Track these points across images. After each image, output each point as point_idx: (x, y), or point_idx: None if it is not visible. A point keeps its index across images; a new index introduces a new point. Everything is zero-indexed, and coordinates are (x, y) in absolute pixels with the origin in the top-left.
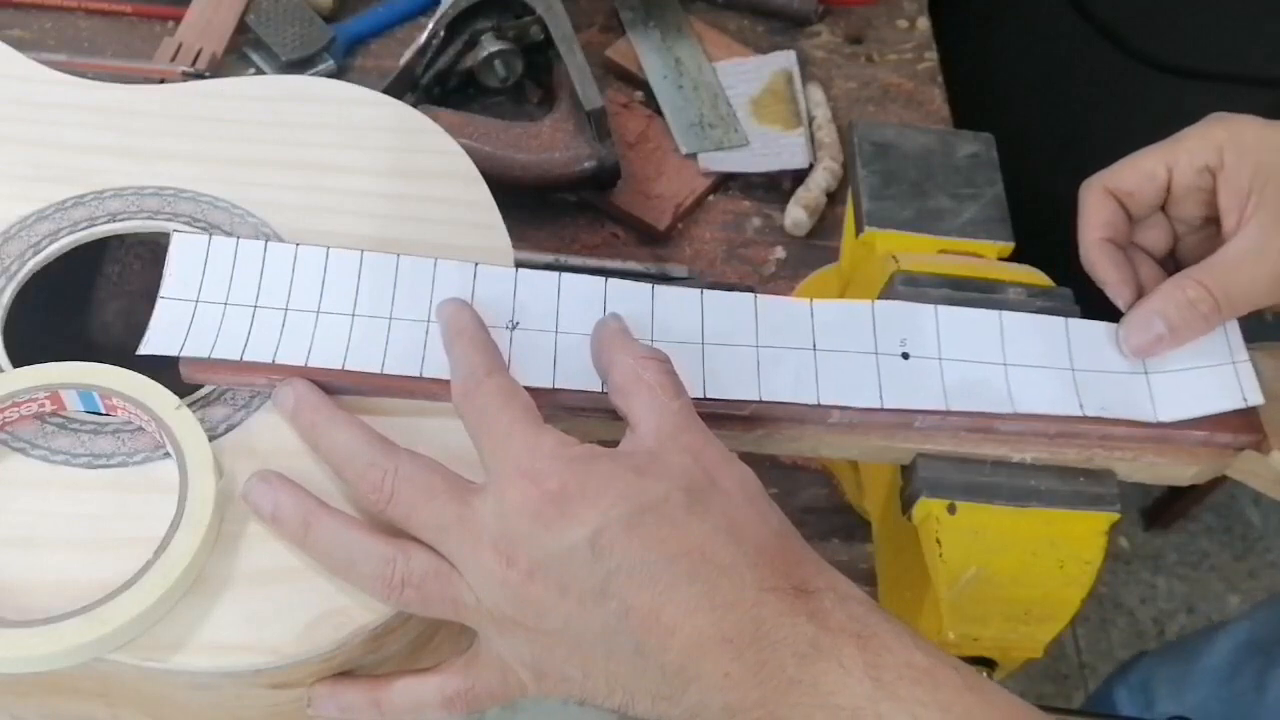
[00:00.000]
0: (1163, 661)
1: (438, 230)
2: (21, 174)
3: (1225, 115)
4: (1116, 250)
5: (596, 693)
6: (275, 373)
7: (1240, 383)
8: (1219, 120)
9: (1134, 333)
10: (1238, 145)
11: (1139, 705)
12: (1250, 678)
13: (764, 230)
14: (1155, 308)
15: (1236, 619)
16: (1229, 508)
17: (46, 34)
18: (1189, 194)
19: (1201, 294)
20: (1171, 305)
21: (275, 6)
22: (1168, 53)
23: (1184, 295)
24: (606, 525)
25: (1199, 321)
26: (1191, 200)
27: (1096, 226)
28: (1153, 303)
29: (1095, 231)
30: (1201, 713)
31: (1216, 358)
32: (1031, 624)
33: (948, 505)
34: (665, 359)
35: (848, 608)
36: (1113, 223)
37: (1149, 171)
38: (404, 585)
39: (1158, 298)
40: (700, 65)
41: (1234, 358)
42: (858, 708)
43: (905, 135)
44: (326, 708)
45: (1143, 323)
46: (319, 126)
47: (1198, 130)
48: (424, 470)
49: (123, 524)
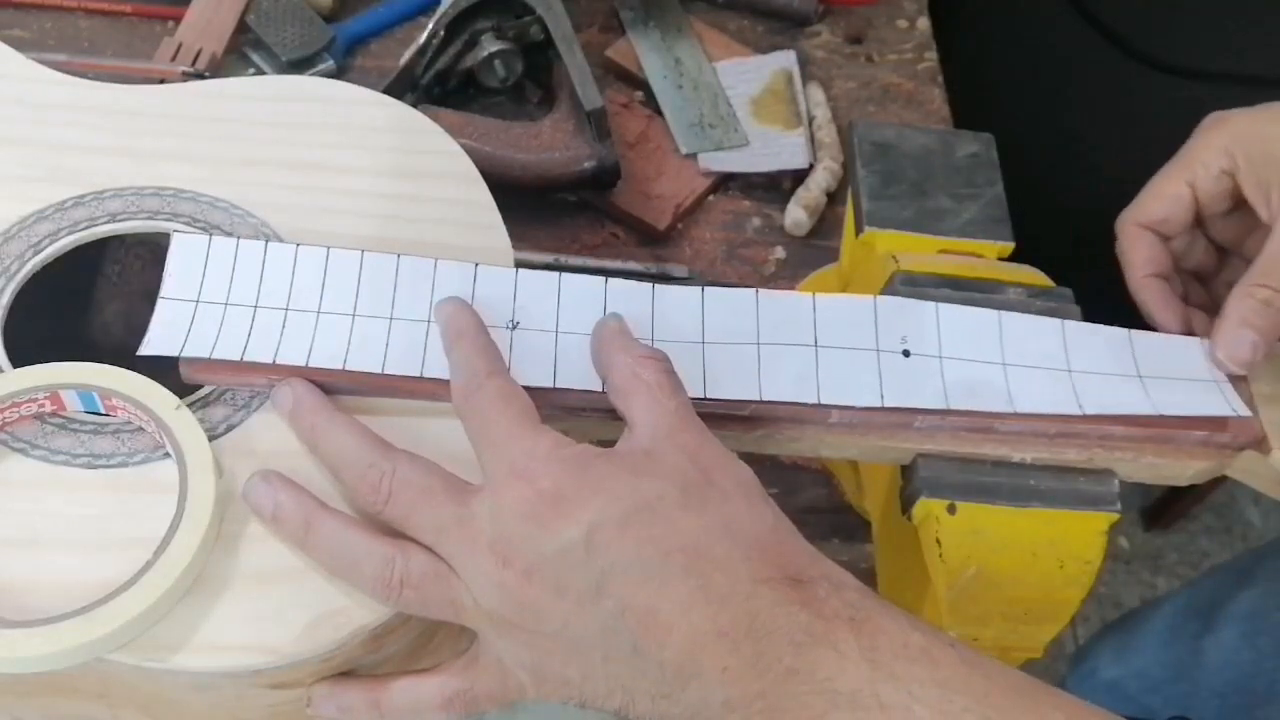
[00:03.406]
0: (1107, 633)
1: (438, 230)
2: (21, 174)
3: (1219, 116)
4: (1164, 285)
5: (596, 695)
6: (275, 373)
7: (1226, 399)
8: (1217, 123)
9: (1233, 348)
10: (1243, 142)
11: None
12: (1188, 642)
13: (764, 230)
14: (1239, 319)
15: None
16: (1229, 508)
17: (46, 34)
18: (1215, 201)
19: (1271, 294)
20: (1251, 312)
21: (275, 6)
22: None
23: (1257, 299)
24: (601, 524)
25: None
26: (1221, 204)
27: (1140, 265)
28: (1234, 316)
29: (1140, 270)
30: (1142, 678)
31: (1202, 374)
32: (1031, 624)
33: (948, 505)
34: (664, 359)
35: (842, 595)
36: (1154, 257)
37: (1174, 195)
38: (403, 586)
39: (1236, 310)
40: (700, 65)
41: (1215, 376)
42: (856, 690)
43: (905, 135)
44: (326, 708)
45: (1235, 336)
46: (319, 126)
47: (1202, 140)
48: (422, 472)
49: (123, 524)
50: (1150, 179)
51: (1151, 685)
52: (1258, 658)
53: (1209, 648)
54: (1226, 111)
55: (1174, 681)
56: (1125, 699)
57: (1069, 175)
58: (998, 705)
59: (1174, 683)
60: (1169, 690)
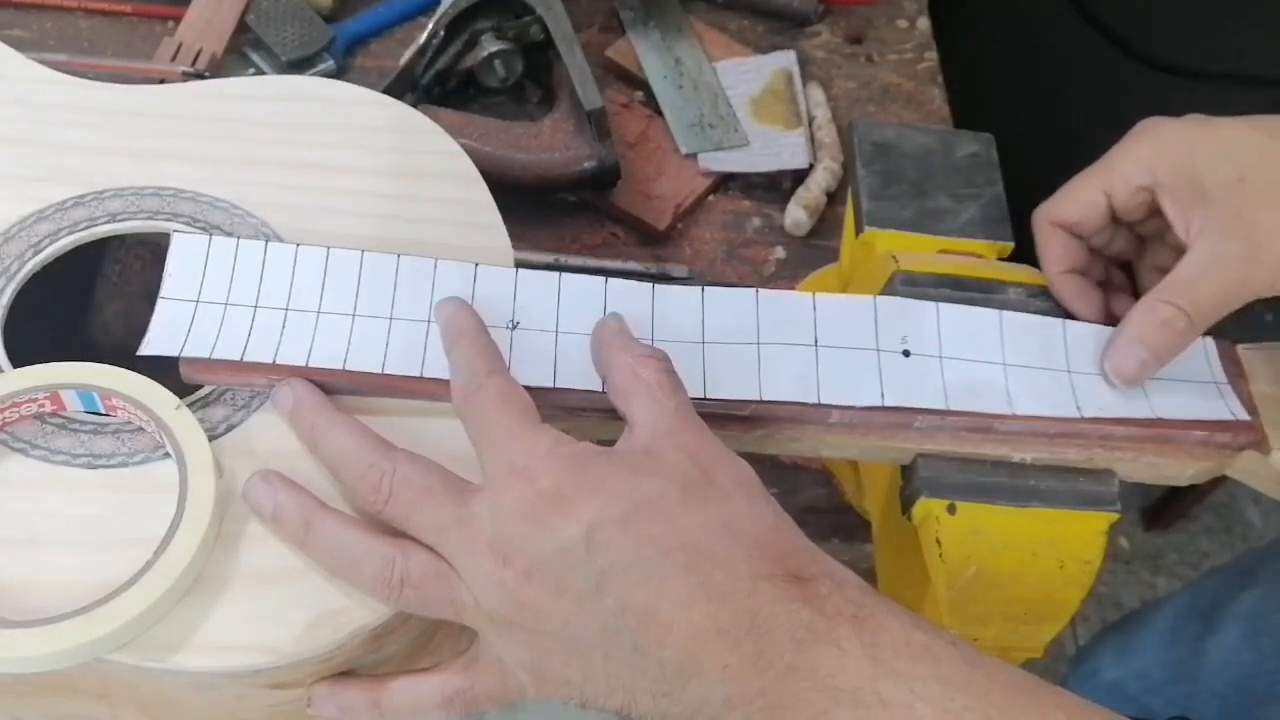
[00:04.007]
0: (1108, 633)
1: (438, 230)
2: (21, 174)
3: (1150, 125)
4: (1079, 279)
5: (597, 695)
6: (276, 373)
7: (1226, 403)
8: (1145, 133)
9: (1121, 362)
10: (1168, 158)
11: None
12: (1189, 644)
13: (764, 230)
14: (1134, 335)
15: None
16: (1229, 508)
17: (46, 34)
18: (1131, 211)
19: (1173, 313)
20: (1149, 329)
21: (275, 6)
22: (1168, 53)
23: (1157, 318)
24: (601, 523)
25: (1177, 339)
26: (1137, 214)
27: (1054, 261)
28: (1130, 330)
29: (1054, 266)
30: (1143, 679)
31: (1202, 376)
32: (1031, 624)
33: (948, 505)
34: (664, 358)
35: (844, 592)
36: (1067, 254)
37: (1088, 201)
38: (403, 585)
39: (1134, 325)
40: (700, 65)
41: (1215, 378)
42: (857, 688)
43: (905, 135)
44: (326, 708)
45: (1126, 351)
46: (319, 126)
47: (1127, 150)
48: (422, 471)
49: (123, 524)
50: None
51: (1152, 686)
52: (1259, 659)
53: (1210, 649)
54: (1159, 121)
55: (1175, 683)
56: (1126, 700)
57: (1069, 175)
58: (999, 704)
59: (1175, 684)
60: (1170, 691)
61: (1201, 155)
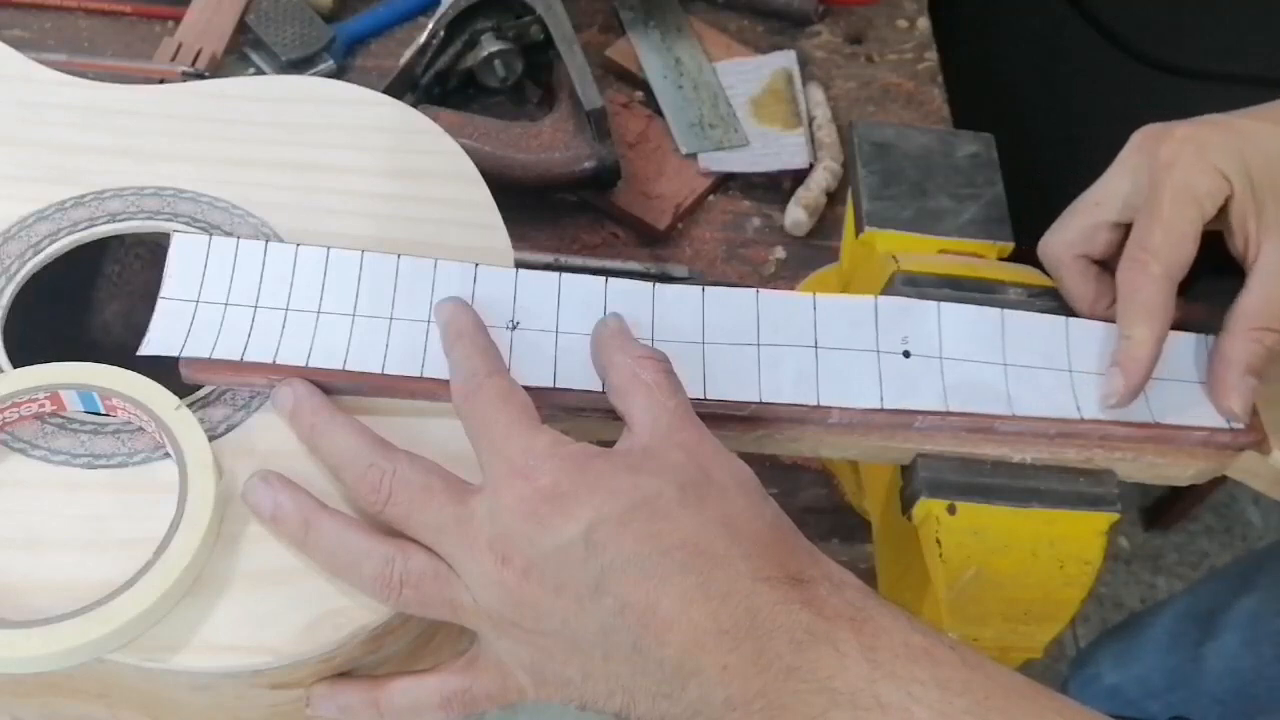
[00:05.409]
0: (1109, 637)
1: (438, 230)
2: (21, 174)
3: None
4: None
5: (596, 695)
6: (276, 373)
7: None
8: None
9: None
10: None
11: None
12: (1188, 649)
13: (764, 230)
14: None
15: (1179, 594)
16: (1229, 508)
17: (46, 34)
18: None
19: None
20: (1258, 360)
21: (275, 6)
22: (1168, 53)
23: (1263, 346)
24: (600, 521)
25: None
26: None
27: (1092, 300)
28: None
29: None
30: (1143, 684)
31: (1203, 376)
32: (1031, 624)
33: (948, 505)
34: (663, 358)
35: (843, 594)
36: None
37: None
38: (402, 586)
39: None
40: (700, 65)
41: None
42: (856, 690)
43: (905, 135)
44: (325, 708)
45: (1244, 386)
46: (319, 126)
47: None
48: (422, 472)
49: (123, 524)
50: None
51: (1152, 691)
52: (1258, 664)
53: (1209, 654)
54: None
55: (1175, 688)
56: (1126, 704)
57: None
58: (997, 707)
59: (1175, 689)
60: (1170, 696)
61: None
